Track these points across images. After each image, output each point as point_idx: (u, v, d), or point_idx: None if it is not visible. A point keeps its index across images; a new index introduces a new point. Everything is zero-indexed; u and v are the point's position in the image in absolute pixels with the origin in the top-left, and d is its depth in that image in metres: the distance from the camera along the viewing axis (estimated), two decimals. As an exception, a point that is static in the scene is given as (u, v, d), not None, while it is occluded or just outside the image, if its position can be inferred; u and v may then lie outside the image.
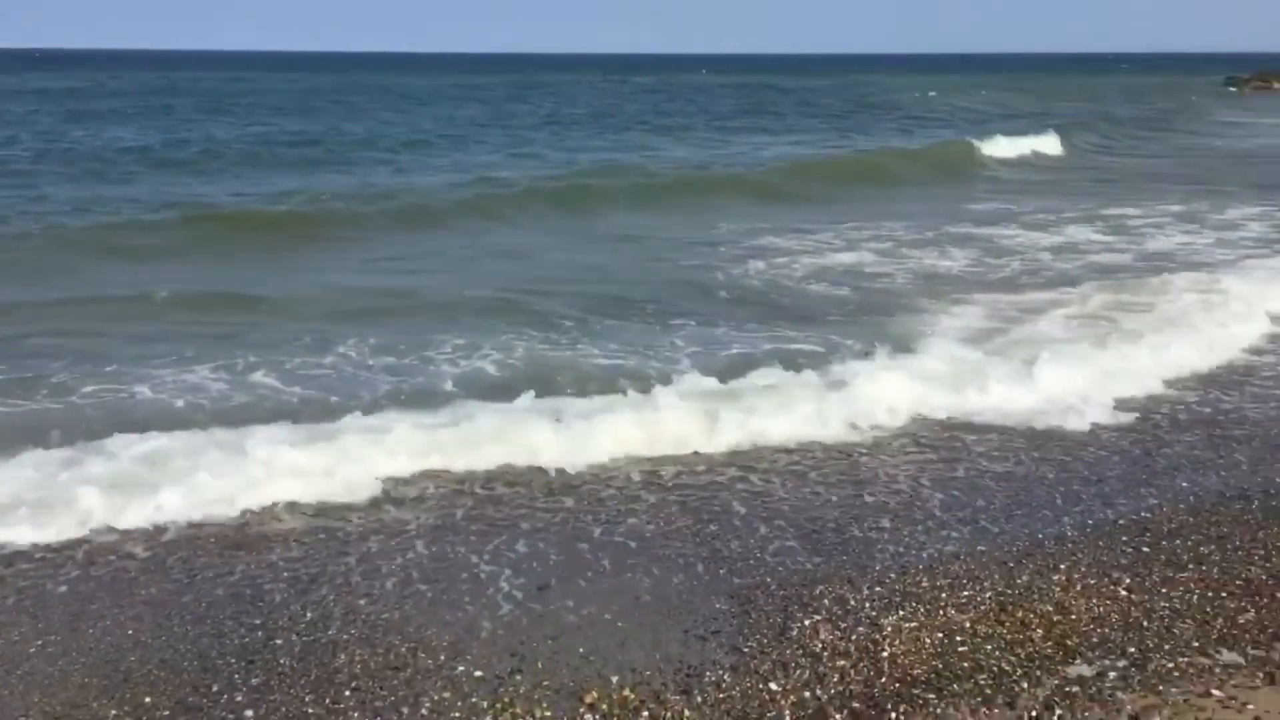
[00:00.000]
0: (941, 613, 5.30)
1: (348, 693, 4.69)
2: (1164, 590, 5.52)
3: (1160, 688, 4.64)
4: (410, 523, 6.37)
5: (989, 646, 4.99)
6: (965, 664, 4.85)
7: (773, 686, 4.70)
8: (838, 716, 4.48)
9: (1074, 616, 5.26)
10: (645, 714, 4.52)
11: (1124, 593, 5.49)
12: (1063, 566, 5.79)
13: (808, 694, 4.64)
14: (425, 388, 8.76)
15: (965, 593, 5.51)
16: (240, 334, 10.32)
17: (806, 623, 5.22)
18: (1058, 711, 4.49)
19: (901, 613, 5.30)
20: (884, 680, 4.73)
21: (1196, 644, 5.00)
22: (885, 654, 4.93)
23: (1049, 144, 30.86)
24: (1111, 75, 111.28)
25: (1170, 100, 58.76)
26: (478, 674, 4.83)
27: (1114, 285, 12.45)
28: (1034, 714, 4.47)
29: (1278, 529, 6.24)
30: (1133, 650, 4.95)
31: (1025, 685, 4.68)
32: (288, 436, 7.25)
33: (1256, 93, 73.58)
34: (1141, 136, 37.41)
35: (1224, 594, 5.48)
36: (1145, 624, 5.18)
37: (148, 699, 4.65)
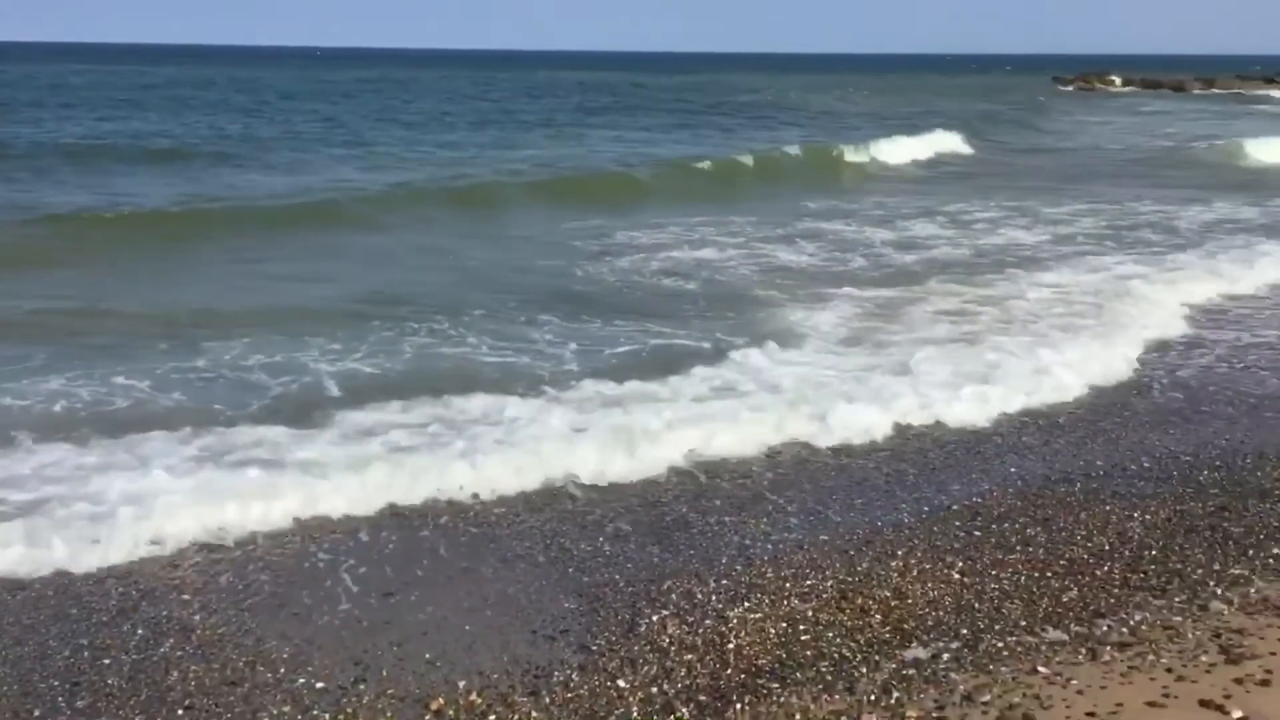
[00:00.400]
0: (785, 602, 5.42)
1: (181, 712, 4.51)
2: (994, 572, 5.76)
3: (990, 667, 4.82)
4: (248, 532, 6.14)
5: (830, 634, 5.11)
6: (808, 652, 4.96)
7: (620, 684, 4.73)
8: (684, 710, 4.53)
9: (910, 601, 5.44)
10: (493, 718, 4.49)
11: (957, 576, 5.71)
12: (900, 552, 5.98)
13: (655, 689, 4.68)
14: (304, 393, 8.49)
15: (808, 582, 5.64)
16: (97, 342, 9.74)
17: (654, 618, 5.26)
18: (895, 694, 4.62)
19: (747, 604, 5.40)
20: (730, 672, 4.81)
21: (1024, 623, 5.22)
22: (731, 646, 5.01)
23: (919, 146, 30.95)
24: (948, 75, 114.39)
25: (1018, 100, 61.20)
26: (319, 685, 4.71)
27: (961, 281, 12.93)
28: (872, 698, 4.60)
29: (1098, 510, 6.58)
30: (965, 632, 5.14)
31: (864, 670, 4.81)
32: (125, 451, 6.98)
33: (1080, 92, 79.40)
34: (1001, 135, 38.52)
35: (1049, 574, 5.74)
36: (976, 606, 5.40)
37: (-39, 728, 4.40)
